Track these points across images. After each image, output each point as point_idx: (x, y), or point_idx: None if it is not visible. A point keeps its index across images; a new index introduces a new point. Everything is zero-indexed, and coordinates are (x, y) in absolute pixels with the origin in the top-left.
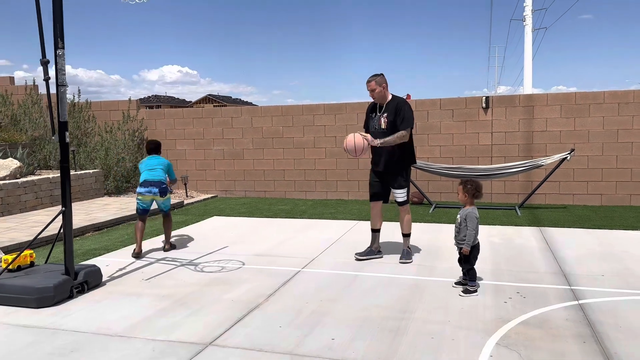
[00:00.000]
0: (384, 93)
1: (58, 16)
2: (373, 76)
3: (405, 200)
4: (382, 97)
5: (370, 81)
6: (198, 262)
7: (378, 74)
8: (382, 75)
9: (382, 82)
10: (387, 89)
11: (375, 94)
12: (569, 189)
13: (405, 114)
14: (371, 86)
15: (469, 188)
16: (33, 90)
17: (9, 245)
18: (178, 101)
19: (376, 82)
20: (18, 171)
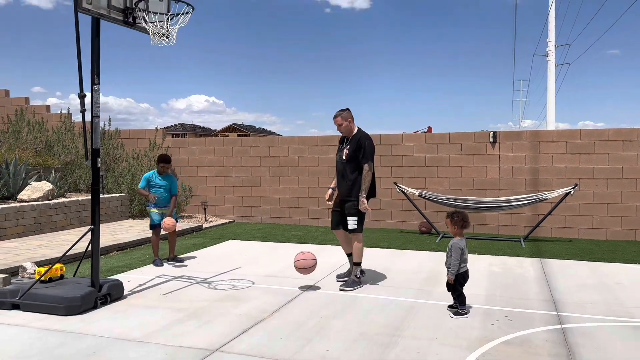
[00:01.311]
0: (349, 127)
1: (95, 56)
2: (339, 111)
3: (356, 228)
4: (348, 130)
5: (337, 116)
6: (212, 281)
7: (344, 110)
8: (347, 111)
9: (347, 117)
10: (352, 123)
11: (342, 128)
12: (575, 222)
13: (366, 149)
14: (337, 121)
15: (456, 219)
16: (67, 118)
17: (41, 261)
18: (203, 130)
19: (342, 117)
20: (50, 193)
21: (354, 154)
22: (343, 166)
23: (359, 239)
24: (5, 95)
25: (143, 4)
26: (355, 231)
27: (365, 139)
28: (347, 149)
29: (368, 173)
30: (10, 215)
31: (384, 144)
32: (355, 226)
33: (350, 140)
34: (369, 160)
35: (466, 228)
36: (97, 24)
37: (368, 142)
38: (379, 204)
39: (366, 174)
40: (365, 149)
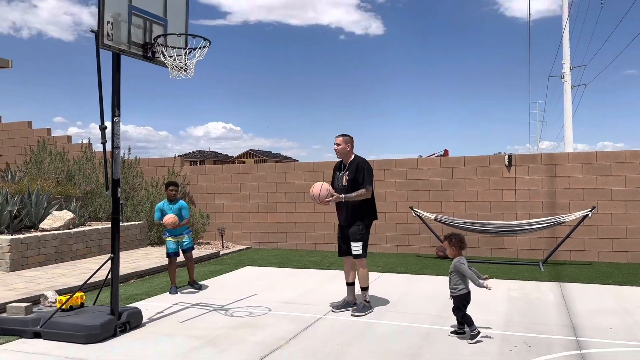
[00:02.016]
0: (347, 152)
1: (116, 89)
2: (343, 135)
3: (361, 254)
4: (344, 154)
5: (339, 137)
6: (229, 308)
7: (347, 135)
8: (350, 137)
9: (348, 142)
10: (351, 150)
11: (339, 149)
12: (594, 245)
13: (366, 173)
14: (337, 141)
15: (455, 241)
16: (87, 148)
17: (62, 289)
18: (221, 156)
19: (343, 140)
20: (71, 222)
21: (354, 180)
22: (344, 193)
23: (363, 264)
24: (28, 126)
25: (162, 39)
26: (360, 257)
27: (364, 164)
28: (346, 174)
29: (364, 193)
30: (32, 244)
31: (399, 168)
32: (360, 251)
33: (348, 166)
34: (367, 184)
35: (464, 249)
36: (118, 58)
37: (367, 166)
38: (395, 229)
39: (362, 193)
40: (364, 173)
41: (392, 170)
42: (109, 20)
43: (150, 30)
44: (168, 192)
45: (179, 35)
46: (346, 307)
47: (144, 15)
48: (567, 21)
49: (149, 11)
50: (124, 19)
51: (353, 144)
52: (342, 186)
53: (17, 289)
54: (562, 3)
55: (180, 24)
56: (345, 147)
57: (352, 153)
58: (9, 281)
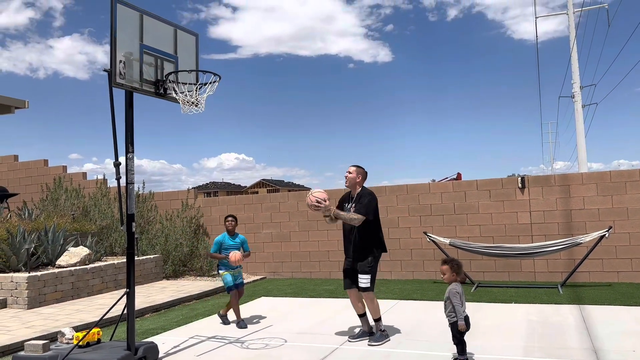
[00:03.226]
0: (356, 182)
1: (129, 126)
2: (357, 165)
3: (368, 287)
4: (352, 184)
5: (352, 167)
6: (244, 340)
7: (361, 167)
8: (364, 170)
9: (360, 173)
10: (361, 181)
11: (349, 177)
12: (613, 266)
13: (366, 203)
14: (350, 170)
15: (455, 266)
16: (102, 184)
17: (79, 326)
18: (234, 187)
19: (356, 170)
20: (87, 258)
21: (358, 211)
22: (350, 227)
23: (371, 297)
24: (44, 164)
25: (173, 76)
26: (367, 290)
27: (367, 196)
28: (353, 207)
29: (357, 219)
30: (49, 281)
31: (411, 193)
32: (368, 284)
33: (355, 198)
34: (365, 215)
35: (460, 275)
36: (131, 96)
37: (370, 197)
38: (410, 254)
39: (353, 217)
40: (364, 203)
41: (404, 196)
42: (121, 59)
43: (161, 68)
44: (226, 224)
45: (189, 71)
46: (363, 336)
47: (155, 53)
48: (575, 41)
49: (160, 49)
50: (136, 58)
51: (365, 176)
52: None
53: (35, 326)
54: (569, 24)
55: (190, 60)
56: (355, 178)
57: (361, 186)
58: (27, 319)
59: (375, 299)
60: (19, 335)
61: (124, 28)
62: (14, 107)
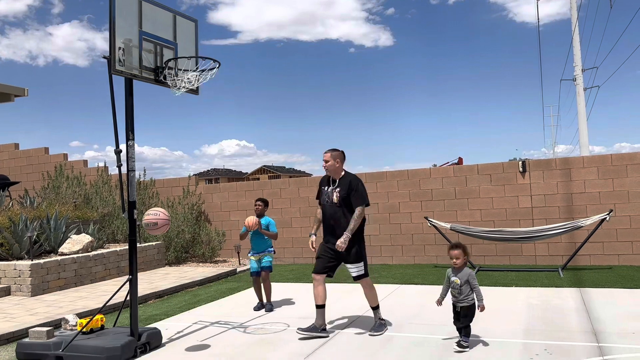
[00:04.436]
0: (336, 168)
1: (129, 113)
2: (332, 150)
3: (362, 274)
4: (333, 170)
5: (327, 152)
6: (247, 325)
7: (337, 150)
8: (340, 152)
9: (337, 157)
10: (341, 165)
11: (327, 165)
12: (614, 249)
13: (360, 192)
14: (326, 157)
15: (467, 251)
16: (104, 171)
17: (82, 312)
18: (235, 173)
19: (331, 156)
20: (90, 245)
21: (347, 198)
22: (334, 210)
23: (369, 284)
24: (45, 152)
25: (172, 63)
26: (364, 276)
27: (357, 182)
28: (337, 191)
29: (360, 215)
30: (52, 268)
31: (412, 178)
32: (362, 271)
33: (339, 182)
34: (362, 204)
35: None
36: (130, 83)
37: (361, 185)
38: (411, 239)
39: (357, 216)
40: (360, 193)
41: (405, 181)
42: (120, 46)
43: (161, 55)
44: (255, 207)
45: (189, 58)
46: (313, 331)
47: (154, 40)
48: (577, 24)
49: (159, 36)
50: (135, 45)
51: (343, 159)
52: (331, 202)
53: (39, 313)
54: (571, 6)
55: (190, 46)
56: (334, 164)
57: (342, 169)
58: (30, 306)
59: (373, 287)
60: (23, 322)
61: (123, 14)
62: (13, 95)
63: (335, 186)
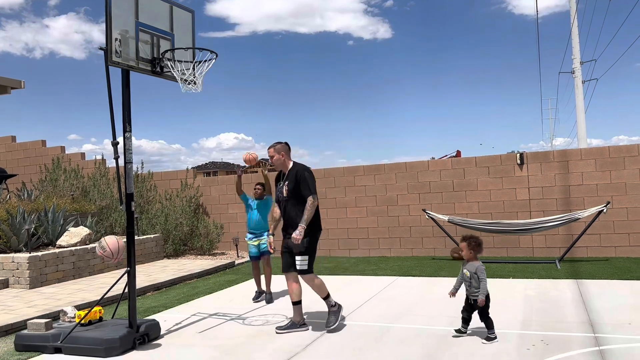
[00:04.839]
0: (282, 161)
1: (126, 105)
2: (275, 143)
3: (306, 269)
4: (280, 164)
5: (270, 148)
6: (246, 317)
7: (280, 142)
8: (283, 144)
9: (281, 150)
10: (287, 157)
11: (273, 160)
12: (611, 241)
13: (308, 181)
14: (270, 152)
15: (474, 244)
16: (101, 164)
17: (80, 304)
18: (233, 167)
19: (275, 150)
20: (88, 238)
21: (295, 190)
22: (286, 204)
23: (311, 278)
24: (42, 145)
25: (170, 54)
26: (305, 272)
27: (303, 171)
28: (286, 185)
29: (312, 205)
30: (50, 261)
31: (410, 171)
32: (306, 266)
33: (287, 175)
34: (312, 193)
35: (480, 253)
36: (127, 75)
37: (307, 174)
38: (408, 232)
39: (310, 206)
40: (306, 182)
41: (403, 174)
42: (117, 37)
43: (157, 46)
44: (254, 190)
45: (185, 49)
46: (292, 327)
47: (151, 31)
48: (575, 16)
49: (155, 27)
50: (132, 36)
51: (288, 150)
52: (283, 197)
53: (37, 305)
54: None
55: (187, 38)
56: (279, 158)
57: (290, 161)
58: (29, 298)
59: (317, 278)
60: (22, 315)
61: (119, 5)
62: (10, 87)
63: (285, 180)
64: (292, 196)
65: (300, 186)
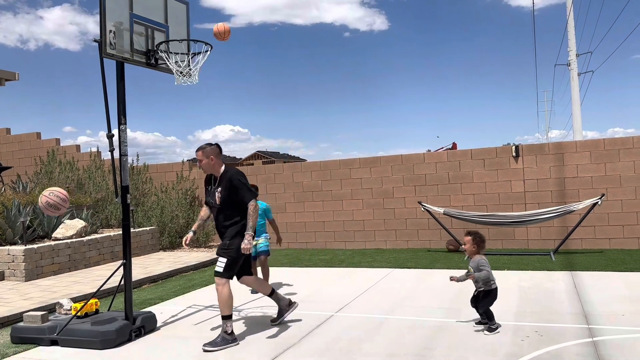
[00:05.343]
0: (212, 165)
1: (121, 97)
2: (204, 145)
3: (221, 272)
4: (210, 168)
5: (198, 151)
6: (242, 309)
7: (209, 144)
8: (213, 146)
9: (210, 154)
10: (217, 161)
11: (202, 164)
12: (605, 233)
13: (246, 186)
14: (198, 155)
15: (478, 240)
16: (96, 156)
17: (76, 297)
18: (229, 159)
19: (203, 153)
20: (83, 230)
21: (229, 197)
22: (219, 213)
23: (221, 284)
24: (37, 137)
25: (164, 46)
26: (219, 275)
27: (237, 176)
28: (218, 192)
29: (254, 209)
30: (46, 253)
31: (406, 163)
32: (221, 269)
33: (219, 181)
34: (251, 198)
35: (483, 249)
36: (122, 67)
37: (242, 178)
38: (404, 224)
39: (252, 211)
40: (244, 187)
41: (399, 166)
42: (111, 29)
43: (152, 38)
44: None
45: (180, 41)
46: (282, 315)
47: (145, 22)
48: (572, 8)
49: (150, 18)
50: (126, 28)
51: (218, 153)
52: (215, 204)
53: (33, 298)
54: None
55: (181, 29)
56: (208, 162)
57: (221, 164)
58: (25, 291)
59: (225, 290)
60: (18, 307)
61: None
62: (4, 79)
63: (216, 186)
64: (226, 204)
65: (237, 193)
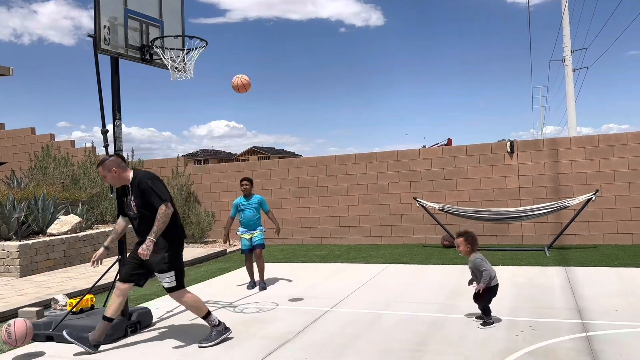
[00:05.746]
0: (117, 177)
1: (116, 93)
2: (102, 160)
3: (175, 286)
4: (117, 180)
5: (98, 167)
6: (237, 304)
7: (108, 157)
8: (113, 158)
9: (111, 166)
10: (122, 171)
11: (107, 180)
12: (599, 228)
13: (154, 189)
14: (101, 173)
15: (471, 239)
16: (91, 152)
17: (72, 293)
18: (224, 154)
19: (104, 168)
20: (78, 226)
21: (144, 204)
22: (136, 221)
23: (181, 295)
24: (32, 133)
25: (159, 42)
26: (175, 289)
27: (146, 180)
28: (133, 200)
29: (164, 213)
30: (41, 249)
31: (401, 159)
32: (174, 282)
33: (131, 188)
34: (164, 200)
35: (477, 245)
36: (116, 62)
37: (150, 181)
38: (399, 220)
39: (160, 216)
40: (152, 191)
41: (394, 162)
42: (106, 24)
43: (147, 33)
44: (241, 188)
45: (175, 37)
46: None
47: (140, 18)
48: (567, 4)
49: (144, 14)
50: (121, 23)
51: (120, 163)
52: (134, 214)
53: (28, 293)
54: None
55: (176, 25)
56: (112, 175)
57: (127, 172)
58: (20, 286)
59: (188, 298)
60: (13, 303)
61: None
62: None
63: (130, 194)
64: (142, 212)
65: (147, 198)
